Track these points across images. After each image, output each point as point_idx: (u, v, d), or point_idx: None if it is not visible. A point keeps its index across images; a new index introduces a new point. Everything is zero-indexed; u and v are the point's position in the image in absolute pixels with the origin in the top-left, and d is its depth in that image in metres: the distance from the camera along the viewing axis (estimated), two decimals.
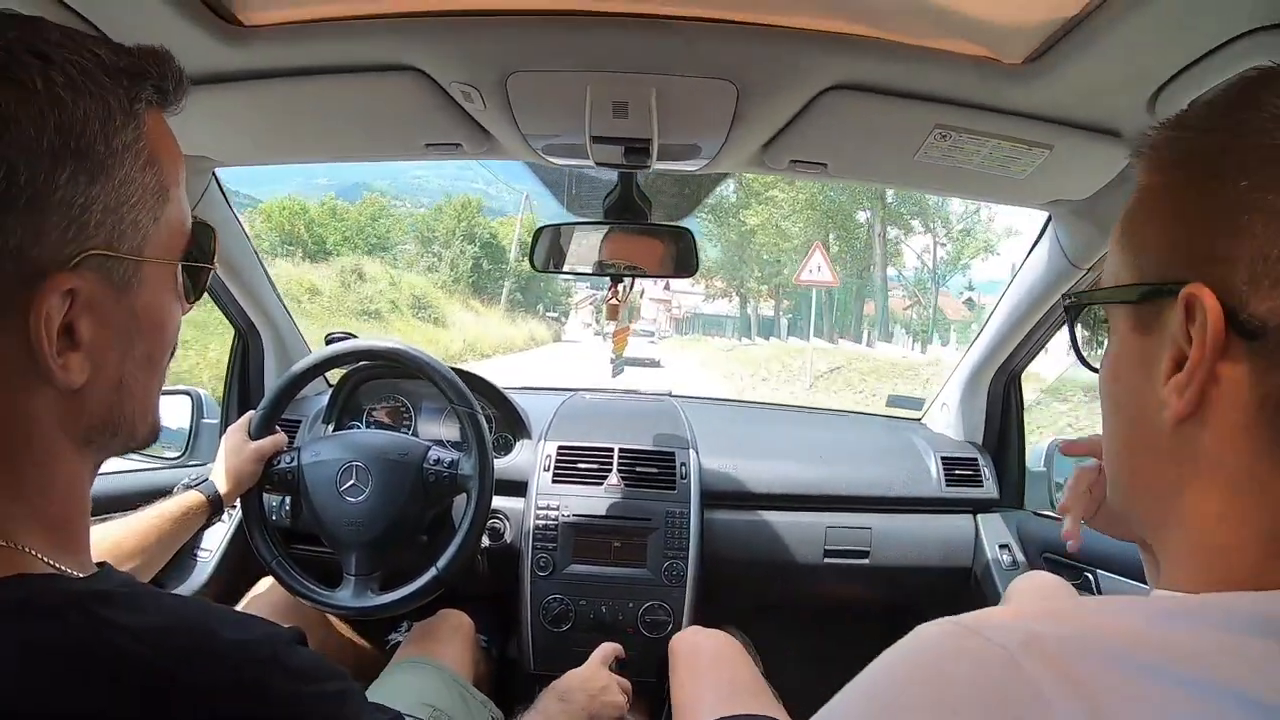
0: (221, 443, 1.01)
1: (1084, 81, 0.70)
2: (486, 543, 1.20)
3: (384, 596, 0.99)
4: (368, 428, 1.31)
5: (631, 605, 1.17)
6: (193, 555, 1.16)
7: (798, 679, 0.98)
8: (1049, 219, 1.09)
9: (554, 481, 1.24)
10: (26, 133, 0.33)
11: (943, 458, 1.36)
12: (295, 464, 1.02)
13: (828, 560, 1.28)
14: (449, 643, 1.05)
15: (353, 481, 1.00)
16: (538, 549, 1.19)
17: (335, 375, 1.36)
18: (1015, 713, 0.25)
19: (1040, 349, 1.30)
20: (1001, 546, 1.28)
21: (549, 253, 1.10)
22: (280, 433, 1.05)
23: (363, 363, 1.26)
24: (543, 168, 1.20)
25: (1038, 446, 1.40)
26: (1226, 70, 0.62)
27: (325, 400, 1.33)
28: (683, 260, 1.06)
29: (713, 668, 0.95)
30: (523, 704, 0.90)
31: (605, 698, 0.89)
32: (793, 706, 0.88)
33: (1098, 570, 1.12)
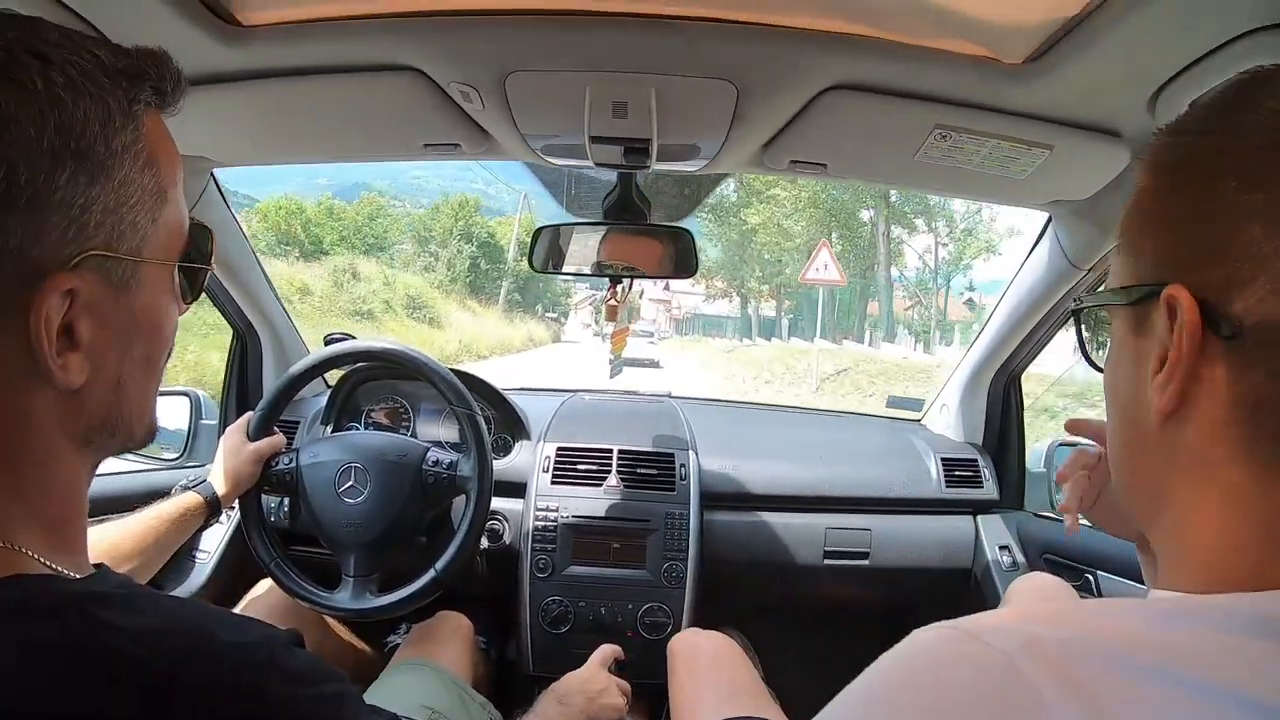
0: (220, 444, 1.01)
1: (1084, 81, 0.70)
2: (485, 544, 1.20)
3: (382, 598, 0.99)
4: (366, 429, 1.31)
5: (631, 607, 1.16)
6: (191, 557, 1.16)
7: (797, 680, 0.98)
8: (1049, 219, 1.09)
9: (553, 483, 1.23)
10: (27, 133, 0.33)
11: (943, 459, 1.36)
12: (294, 465, 1.02)
13: (827, 561, 1.27)
14: (448, 644, 1.05)
15: (351, 483, 1.00)
16: (537, 550, 1.19)
17: (334, 376, 1.36)
18: (1015, 717, 0.25)
19: (1040, 350, 1.30)
20: (1001, 548, 1.28)
21: (548, 253, 1.10)
22: (279, 434, 1.05)
23: (361, 364, 1.26)
24: (542, 168, 1.20)
25: (1038, 447, 1.39)
26: (1227, 70, 0.62)
27: (324, 401, 1.32)
28: (682, 261, 1.06)
29: (712, 669, 0.95)
30: (522, 706, 0.90)
31: (604, 700, 0.88)
32: (792, 708, 0.88)
33: (1098, 571, 1.11)
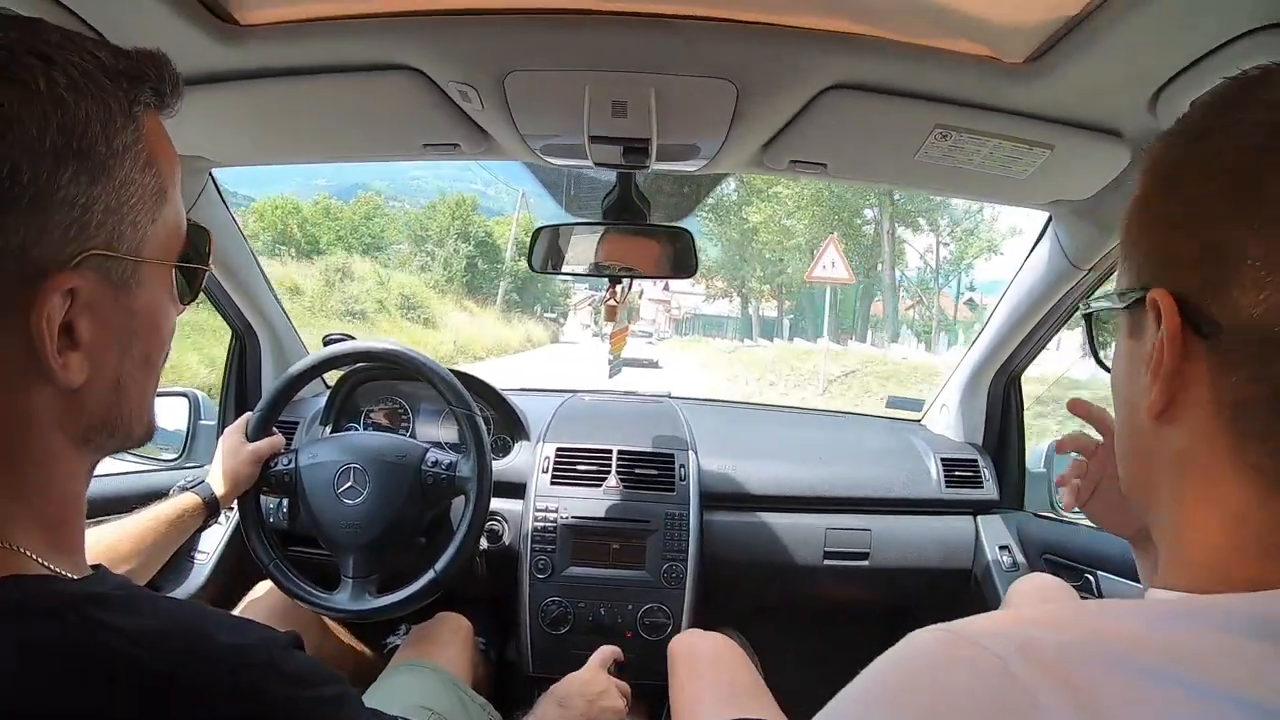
0: (219, 444, 1.01)
1: (1085, 81, 0.70)
2: (485, 545, 1.20)
3: (382, 599, 0.99)
4: (365, 429, 1.31)
5: (630, 607, 1.16)
6: (189, 558, 1.16)
7: (797, 681, 0.98)
8: (1049, 219, 1.09)
9: (552, 483, 1.23)
10: (30, 133, 0.33)
11: (943, 459, 1.36)
12: (293, 466, 1.02)
13: (827, 562, 1.27)
14: (447, 645, 1.04)
15: (350, 483, 1.00)
16: (536, 551, 1.18)
17: (333, 377, 1.36)
18: None
19: (1040, 350, 1.30)
20: (1001, 548, 1.28)
21: (547, 253, 1.10)
22: (278, 434, 1.04)
23: (361, 364, 1.26)
24: (541, 168, 1.20)
25: (1037, 448, 1.39)
26: (1227, 70, 0.61)
27: (323, 402, 1.32)
28: (682, 261, 1.05)
29: (712, 670, 0.95)
30: (522, 708, 0.90)
31: (604, 702, 0.88)
32: (791, 708, 0.87)
33: (1098, 571, 1.11)
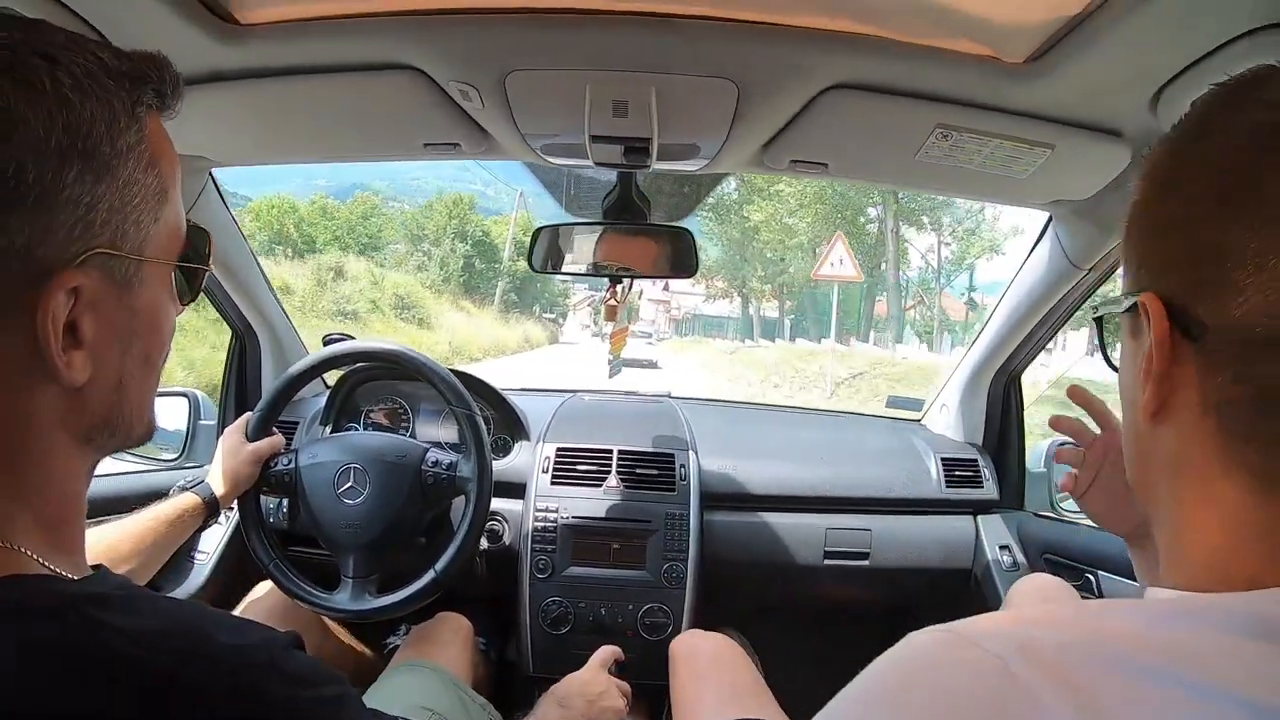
0: (219, 444, 1.01)
1: (1085, 81, 0.70)
2: (485, 545, 1.20)
3: (382, 599, 0.99)
4: (365, 429, 1.31)
5: (631, 607, 1.16)
6: (189, 558, 1.16)
7: (798, 681, 0.98)
8: (1049, 219, 1.09)
9: (553, 483, 1.23)
10: (35, 132, 0.33)
11: (943, 459, 1.36)
12: (293, 466, 1.01)
13: (828, 562, 1.27)
14: (448, 645, 1.04)
15: (350, 483, 1.00)
16: (537, 551, 1.18)
17: (332, 377, 1.36)
18: None
19: (1040, 350, 1.30)
20: (1002, 547, 1.28)
21: (547, 253, 1.10)
22: (278, 434, 1.04)
23: (361, 364, 1.26)
24: (541, 168, 1.20)
25: (1038, 447, 1.39)
26: (1228, 70, 0.61)
27: (323, 402, 1.32)
28: (682, 260, 1.05)
29: (713, 670, 0.95)
30: (522, 709, 0.90)
31: (604, 702, 0.88)
32: (792, 708, 0.87)
33: (1099, 571, 1.11)
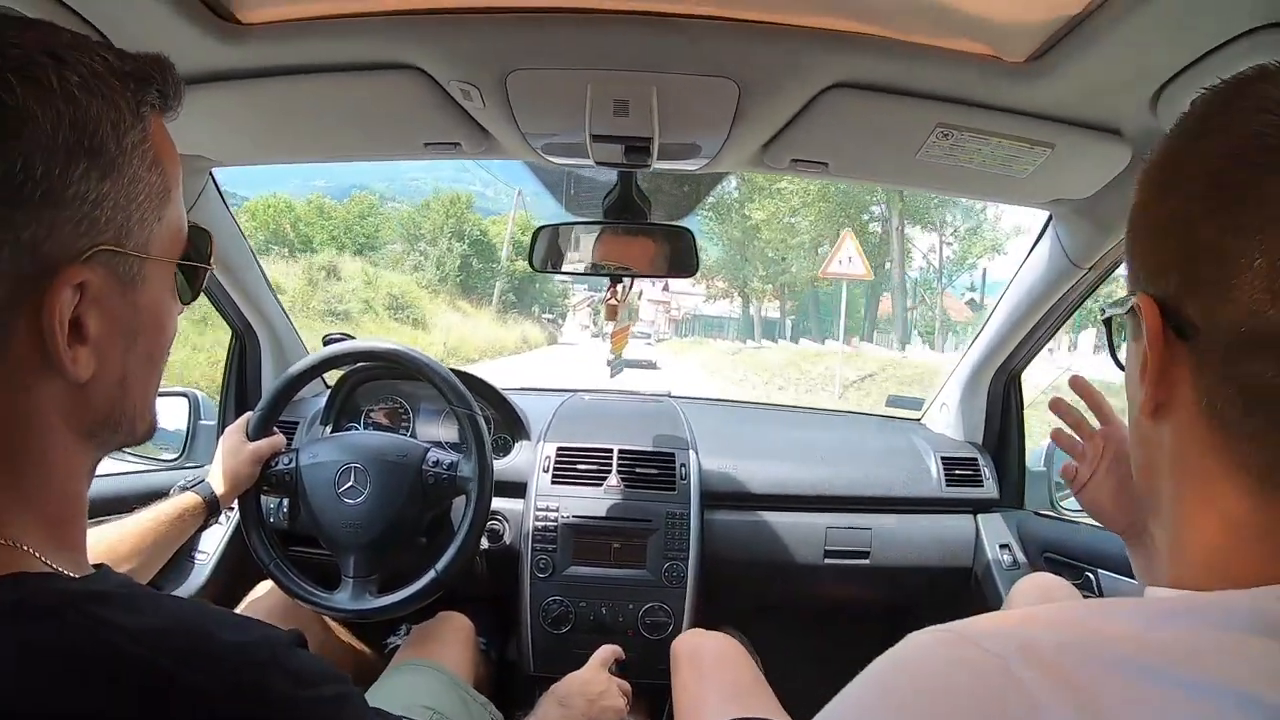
0: (219, 444, 1.01)
1: (1086, 80, 0.70)
2: (485, 544, 1.20)
3: (383, 599, 0.99)
4: (366, 429, 1.31)
5: (631, 607, 1.16)
6: (190, 558, 1.15)
7: (798, 680, 0.98)
8: (1050, 218, 1.09)
9: (553, 483, 1.23)
10: (43, 129, 0.34)
11: (943, 458, 1.36)
12: (293, 465, 1.01)
13: (828, 561, 1.27)
14: (448, 645, 1.04)
15: (351, 483, 1.00)
16: (537, 550, 1.18)
17: (333, 376, 1.36)
18: None
19: (1040, 349, 1.30)
20: (1002, 546, 1.28)
21: (547, 253, 1.10)
22: (278, 434, 1.04)
23: (361, 364, 1.26)
24: (541, 168, 1.20)
25: (1037, 446, 1.40)
26: (1228, 69, 0.61)
27: (323, 402, 1.32)
28: (683, 260, 1.06)
29: (716, 669, 0.95)
30: (523, 708, 0.90)
31: (605, 702, 0.88)
32: (792, 707, 0.87)
33: (1099, 570, 1.11)
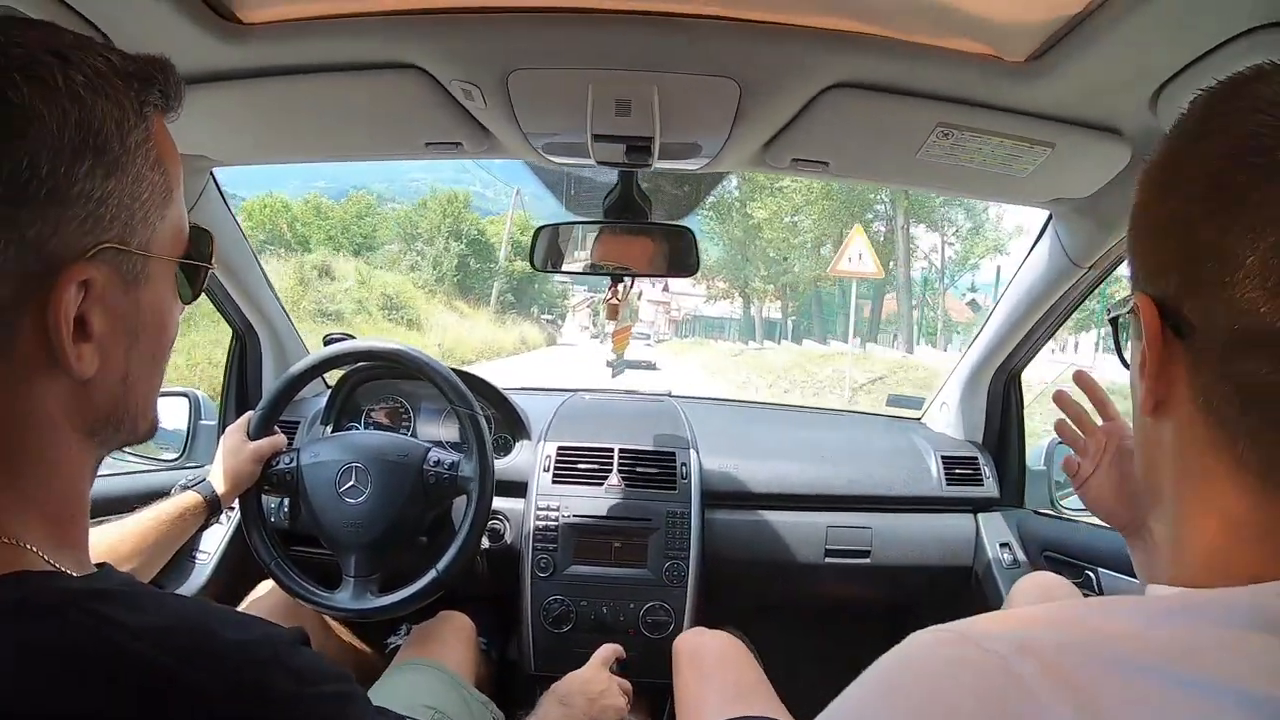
0: (220, 443, 1.01)
1: (1086, 80, 0.71)
2: (486, 544, 1.20)
3: (384, 598, 0.99)
4: (366, 429, 1.31)
5: (632, 606, 1.16)
6: (191, 557, 1.15)
7: (799, 679, 0.98)
8: (1050, 217, 1.09)
9: (554, 482, 1.23)
10: (49, 128, 0.34)
11: (943, 457, 1.36)
12: (294, 465, 1.01)
13: (829, 560, 1.28)
14: (449, 644, 1.04)
15: (352, 483, 1.00)
16: (538, 550, 1.18)
17: (333, 376, 1.36)
18: None
19: (1041, 348, 1.31)
20: (1002, 545, 1.28)
21: (548, 252, 1.10)
22: (279, 434, 1.04)
23: (362, 364, 1.26)
24: (542, 168, 1.20)
25: (1038, 445, 1.40)
26: (1227, 69, 0.61)
27: (323, 401, 1.32)
28: (683, 259, 1.06)
29: (717, 668, 0.95)
30: (524, 707, 0.90)
31: (606, 701, 0.88)
32: (793, 706, 0.88)
33: (1098, 568, 1.12)
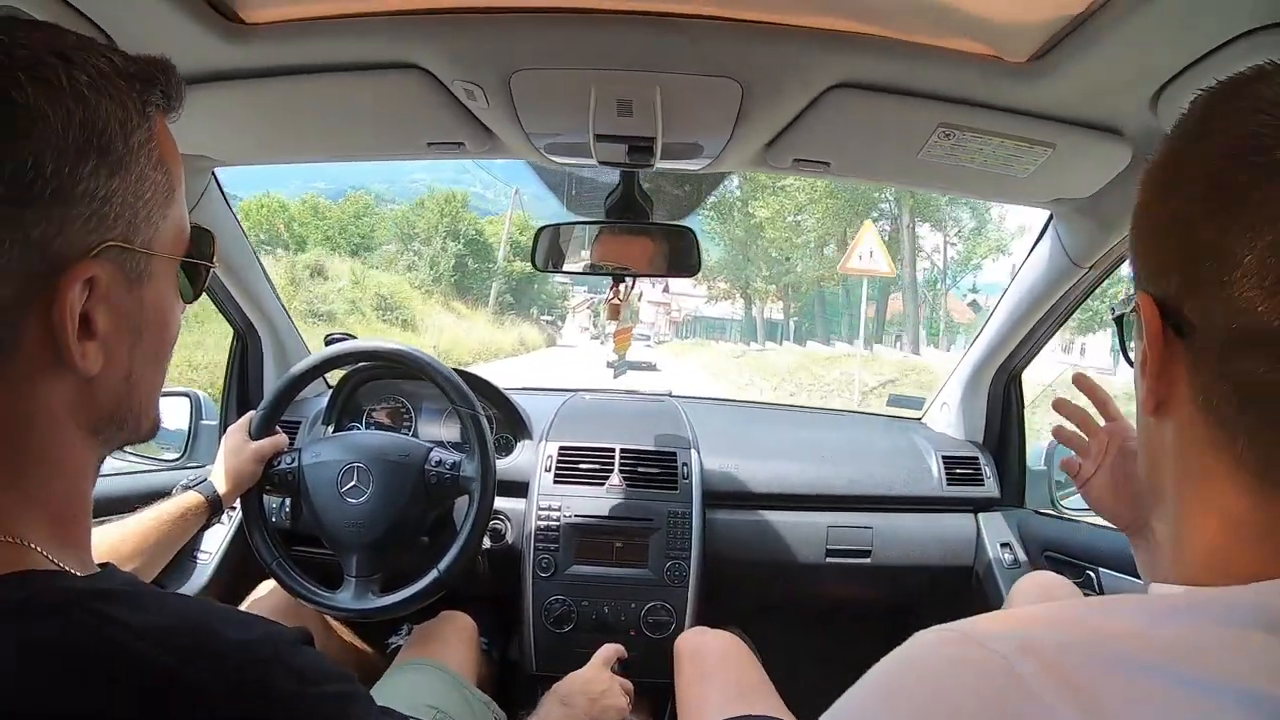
0: (221, 443, 1.01)
1: (1087, 80, 0.71)
2: (487, 544, 1.20)
3: (385, 598, 0.99)
4: (368, 429, 1.31)
5: (634, 606, 1.16)
6: (192, 557, 1.15)
7: (800, 679, 0.98)
8: (1050, 217, 1.10)
9: (555, 482, 1.23)
10: (54, 128, 0.34)
11: (944, 457, 1.36)
12: (296, 465, 1.02)
13: (829, 560, 1.28)
14: (451, 644, 1.04)
15: (354, 483, 1.00)
16: (539, 550, 1.18)
17: (334, 376, 1.36)
18: None
19: (1041, 348, 1.31)
20: (1003, 545, 1.29)
21: (549, 252, 1.10)
22: (281, 434, 1.04)
23: (363, 364, 1.26)
24: (543, 168, 1.20)
25: (1038, 445, 1.40)
26: (1228, 69, 0.61)
27: (325, 401, 1.32)
28: (685, 259, 1.06)
29: (719, 668, 0.95)
30: (525, 707, 0.90)
31: (607, 701, 0.88)
32: (794, 706, 0.88)
33: (1099, 568, 1.12)
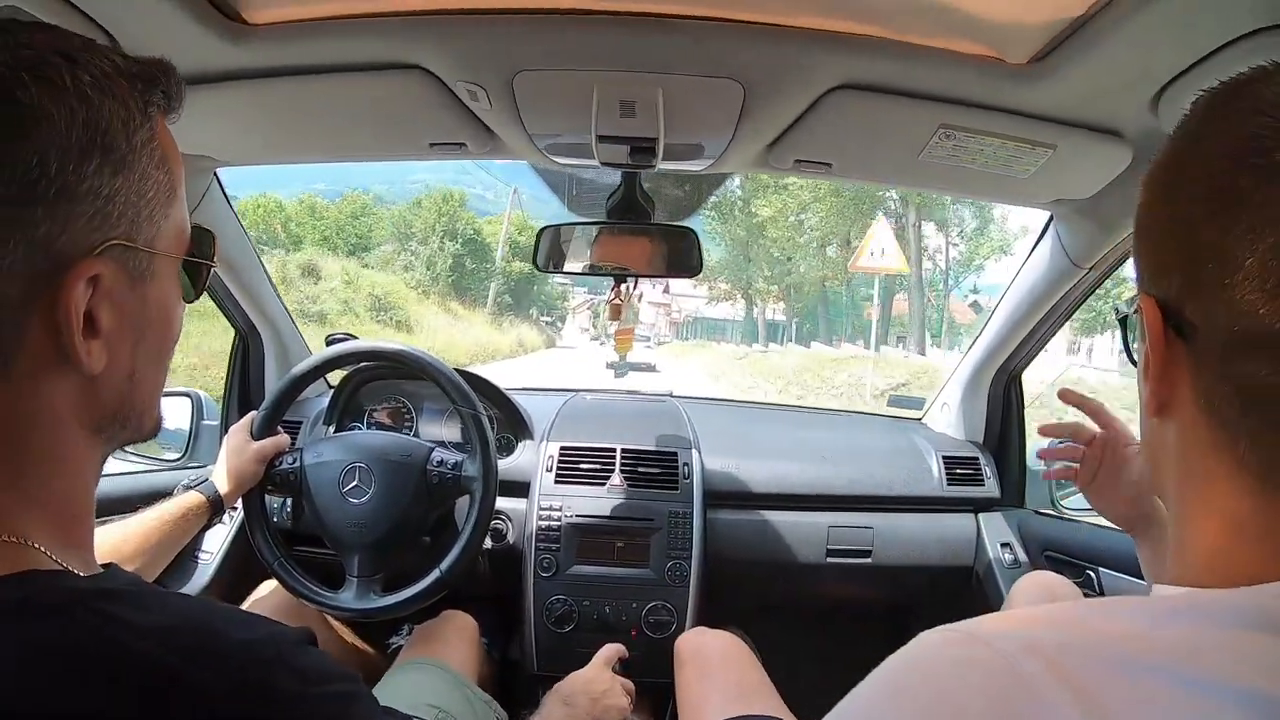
0: (223, 443, 1.01)
1: (1088, 82, 0.71)
2: (489, 544, 1.20)
3: (387, 598, 0.99)
4: (369, 429, 1.31)
5: (635, 606, 1.16)
6: (194, 557, 1.15)
7: (801, 679, 0.98)
8: (1051, 218, 1.10)
9: (556, 482, 1.23)
10: (58, 128, 0.34)
11: (944, 457, 1.36)
12: (297, 465, 1.02)
13: (830, 560, 1.28)
14: (452, 644, 1.04)
15: (355, 483, 1.00)
16: (540, 550, 1.18)
17: (335, 376, 1.36)
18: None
19: (1041, 349, 1.31)
20: (1003, 545, 1.29)
21: (551, 253, 1.10)
22: (282, 434, 1.04)
23: (364, 364, 1.26)
24: (544, 169, 1.20)
25: (1038, 445, 1.40)
26: (1229, 70, 0.61)
27: (326, 402, 1.32)
28: (686, 260, 1.06)
29: (720, 668, 0.95)
30: (526, 707, 0.90)
31: (608, 700, 0.88)
32: (794, 706, 0.88)
33: (1099, 568, 1.12)
